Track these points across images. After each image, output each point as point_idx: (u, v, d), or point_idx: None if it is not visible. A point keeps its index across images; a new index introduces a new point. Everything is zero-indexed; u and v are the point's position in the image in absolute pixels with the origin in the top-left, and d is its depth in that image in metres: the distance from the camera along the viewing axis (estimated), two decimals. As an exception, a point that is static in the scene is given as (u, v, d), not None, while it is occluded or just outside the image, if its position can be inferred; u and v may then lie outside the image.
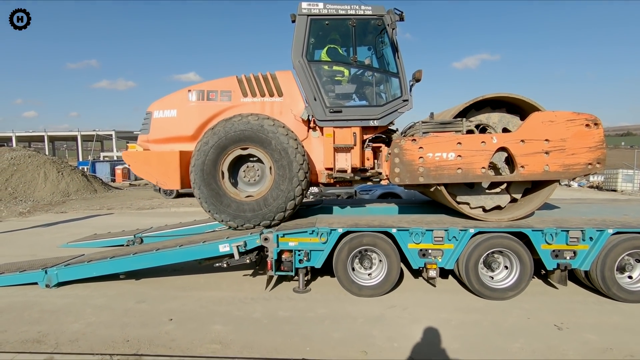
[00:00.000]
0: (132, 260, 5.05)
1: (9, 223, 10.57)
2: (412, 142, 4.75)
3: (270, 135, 4.95)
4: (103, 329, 3.97)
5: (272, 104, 5.49)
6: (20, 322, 4.13)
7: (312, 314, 4.35)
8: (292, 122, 5.45)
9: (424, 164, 4.74)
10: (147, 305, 4.59)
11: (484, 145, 4.70)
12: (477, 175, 4.74)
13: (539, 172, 4.69)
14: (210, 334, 3.86)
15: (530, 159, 4.67)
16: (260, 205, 5.03)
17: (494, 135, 4.77)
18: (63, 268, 5.12)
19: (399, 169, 4.78)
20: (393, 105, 5.34)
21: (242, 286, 5.25)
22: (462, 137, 4.75)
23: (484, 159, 4.70)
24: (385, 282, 4.83)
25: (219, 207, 5.07)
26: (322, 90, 5.28)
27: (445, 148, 4.71)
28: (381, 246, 4.80)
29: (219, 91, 5.50)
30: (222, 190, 5.06)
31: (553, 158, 4.65)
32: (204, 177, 5.01)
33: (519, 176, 4.75)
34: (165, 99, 5.67)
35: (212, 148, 4.98)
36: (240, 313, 4.36)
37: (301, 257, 4.88)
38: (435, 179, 4.76)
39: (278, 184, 4.99)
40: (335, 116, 5.30)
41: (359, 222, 5.08)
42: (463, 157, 4.69)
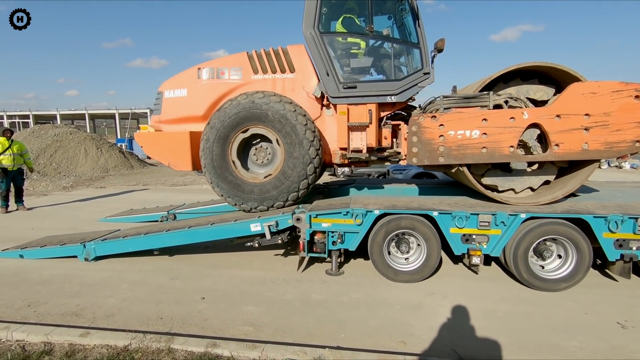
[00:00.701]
0: (165, 237, 5.04)
1: (53, 197, 11.10)
2: (432, 120, 4.33)
3: (264, 108, 4.75)
4: (138, 305, 3.99)
5: (283, 81, 5.19)
6: (61, 295, 4.24)
7: (346, 298, 4.17)
8: (305, 100, 5.15)
9: (444, 143, 4.33)
10: (180, 282, 4.58)
11: (513, 122, 4.22)
12: (505, 155, 4.28)
13: (577, 150, 4.17)
14: (242, 314, 3.78)
15: (566, 136, 4.16)
16: (281, 179, 4.87)
17: (525, 110, 4.25)
18: (100, 243, 5.21)
19: (416, 149, 4.40)
20: (413, 79, 4.89)
21: (273, 266, 5.14)
22: (488, 113, 4.27)
23: (512, 136, 4.23)
24: (423, 267, 4.55)
25: (243, 196, 4.99)
26: (335, 64, 4.92)
27: (468, 125, 4.27)
28: (420, 230, 4.49)
29: (229, 68, 5.26)
30: (240, 179, 4.97)
31: (594, 135, 4.12)
32: (218, 172, 4.95)
33: (552, 155, 4.26)
34: (175, 78, 5.47)
35: (214, 143, 4.89)
36: (272, 294, 4.26)
37: (334, 239, 4.67)
38: (457, 159, 4.36)
39: (290, 153, 4.79)
40: (349, 92, 4.93)
41: (396, 204, 4.77)
42: (489, 135, 4.25)
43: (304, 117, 4.81)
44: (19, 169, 8.65)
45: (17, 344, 3.14)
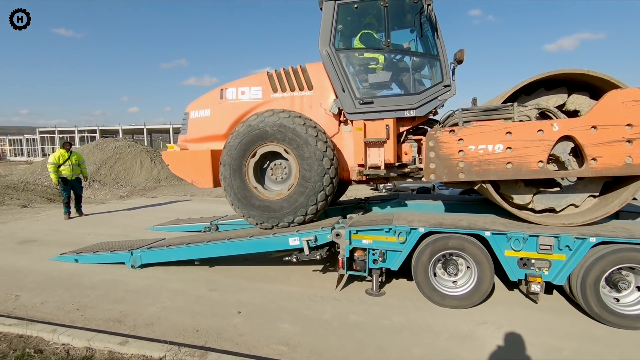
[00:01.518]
0: (206, 248, 5.09)
1: (110, 205, 11.87)
2: (450, 134, 4.10)
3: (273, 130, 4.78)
4: (176, 315, 4.00)
5: (301, 98, 5.19)
6: (107, 300, 4.38)
7: (387, 321, 3.88)
8: (323, 117, 5.11)
9: (464, 159, 4.08)
10: (218, 294, 4.56)
11: (542, 135, 3.88)
12: (533, 170, 3.94)
13: (618, 165, 3.76)
14: (277, 332, 3.64)
15: (605, 149, 3.76)
16: (292, 201, 4.84)
17: (555, 122, 3.89)
18: (146, 251, 5.38)
19: (434, 164, 4.18)
20: (432, 92, 4.71)
21: (311, 282, 4.98)
22: (512, 126, 3.96)
23: (541, 150, 3.89)
24: (474, 293, 4.15)
25: (263, 214, 4.98)
26: (350, 80, 4.86)
27: (490, 139, 3.99)
28: (470, 251, 4.12)
29: (250, 88, 5.35)
30: (256, 198, 4.97)
31: (639, 147, 3.68)
32: (239, 195, 4.99)
33: (589, 171, 3.87)
34: (200, 99, 5.67)
35: (230, 168, 4.96)
36: (309, 312, 4.09)
37: (376, 257, 4.42)
38: (479, 175, 4.08)
39: (304, 176, 4.74)
40: (366, 108, 4.83)
41: (443, 222, 4.44)
42: (514, 149, 3.94)
43: (314, 129, 4.74)
44: (77, 178, 9.35)
45: (62, 348, 3.24)
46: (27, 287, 4.78)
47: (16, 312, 4.05)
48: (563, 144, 3.99)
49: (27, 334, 3.41)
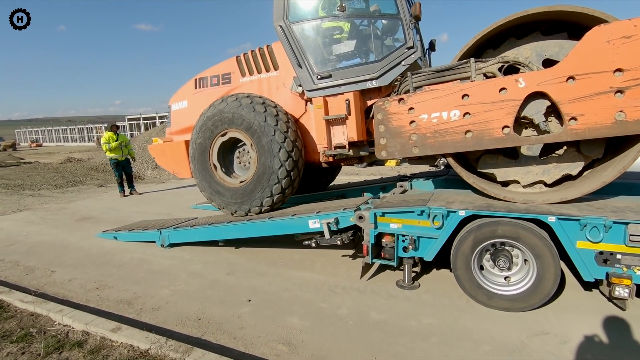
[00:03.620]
0: (226, 229, 4.83)
1: (168, 184, 12.50)
2: (399, 103, 3.63)
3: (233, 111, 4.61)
4: (185, 300, 3.79)
5: (268, 80, 4.96)
6: (127, 280, 4.35)
7: (415, 322, 3.22)
8: (289, 98, 4.83)
9: (417, 130, 3.61)
10: (234, 279, 4.28)
11: (505, 94, 3.22)
12: (497, 138, 3.32)
13: (606, 124, 2.98)
14: (283, 327, 3.21)
15: (588, 105, 3.00)
16: (252, 188, 4.66)
17: (521, 77, 3.18)
18: (173, 230, 5.31)
19: (385, 140, 3.77)
20: (395, 57, 4.15)
21: (337, 269, 4.45)
22: (469, 87, 3.35)
23: (505, 113, 3.25)
24: (532, 293, 3.26)
25: (225, 200, 4.89)
26: (307, 55, 4.50)
27: (445, 105, 3.45)
28: (528, 241, 3.21)
29: (221, 75, 5.24)
30: (222, 185, 4.89)
31: (633, 98, 2.85)
32: (204, 180, 4.98)
33: (568, 134, 3.12)
34: (179, 91, 5.66)
35: (195, 153, 4.93)
36: (324, 305, 3.58)
37: (406, 244, 3.72)
38: (434, 148, 3.58)
39: (261, 156, 4.51)
40: (324, 83, 4.43)
41: (493, 203, 3.55)
42: (473, 115, 3.35)
43: (274, 117, 4.45)
44: (126, 159, 9.86)
45: (64, 329, 3.19)
46: (65, 262, 5.00)
47: (45, 287, 4.21)
48: (537, 102, 3.24)
49: (37, 312, 3.45)
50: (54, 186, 13.04)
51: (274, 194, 4.57)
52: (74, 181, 13.93)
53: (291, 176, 4.53)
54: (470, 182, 3.71)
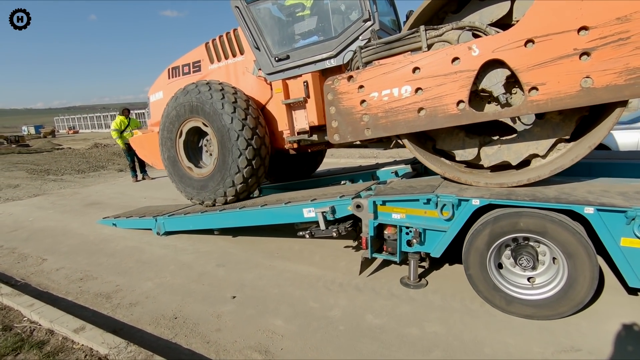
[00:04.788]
0: (218, 218, 4.49)
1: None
2: (349, 82, 3.31)
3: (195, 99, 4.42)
4: (167, 295, 3.50)
5: (235, 66, 4.72)
6: (113, 271, 4.13)
7: (417, 330, 2.75)
8: (255, 83, 4.59)
9: (368, 110, 3.28)
10: (224, 271, 3.94)
11: (458, 65, 2.83)
12: (452, 115, 2.94)
13: (571, 92, 2.53)
14: (263, 331, 2.83)
15: (549, 71, 2.56)
16: (215, 178, 4.47)
17: (474, 43, 2.76)
18: (167, 218, 5.04)
19: (336, 122, 3.46)
20: (351, 32, 3.76)
21: (337, 262, 4.02)
22: (419, 59, 2.97)
23: (459, 86, 2.86)
24: (560, 299, 2.69)
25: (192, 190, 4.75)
26: (265, 35, 4.23)
27: (395, 81, 3.09)
28: (557, 236, 2.62)
29: (191, 63, 5.06)
30: (189, 176, 4.77)
31: (600, 61, 2.41)
32: (172, 169, 4.87)
33: (528, 107, 2.70)
34: (155, 82, 5.54)
35: (164, 142, 4.83)
36: (315, 305, 3.17)
37: (410, 237, 3.21)
38: (387, 129, 3.24)
39: (222, 146, 4.30)
40: (283, 65, 4.15)
41: (515, 190, 2.96)
42: (426, 90, 2.99)
43: (232, 105, 4.17)
44: None
45: (29, 327, 2.96)
46: (59, 250, 4.86)
47: (31, 277, 4.06)
48: (496, 72, 2.80)
49: (9, 306, 3.26)
50: (76, 171, 13.32)
51: (236, 183, 4.35)
52: (96, 166, 14.19)
53: (253, 165, 4.28)
54: (430, 166, 3.36)
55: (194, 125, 4.55)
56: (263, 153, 4.36)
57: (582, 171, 3.83)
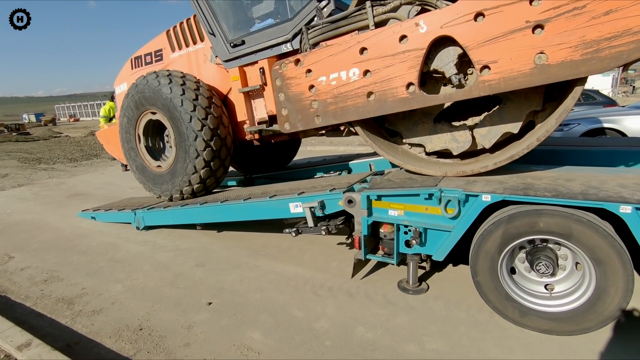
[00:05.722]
0: (199, 212, 4.09)
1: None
2: (296, 66, 3.08)
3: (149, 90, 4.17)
4: (136, 300, 3.12)
5: (196, 53, 4.44)
6: (83, 270, 3.76)
7: (415, 347, 2.36)
8: (215, 71, 4.31)
9: (317, 96, 3.04)
10: (202, 272, 3.56)
11: (406, 43, 2.56)
12: (402, 99, 2.69)
13: (525, 70, 2.27)
14: (238, 347, 2.45)
15: (501, 47, 2.29)
16: (172, 175, 4.27)
17: (421, 19, 2.48)
18: (146, 212, 4.65)
19: (286, 110, 3.25)
20: (307, 12, 3.38)
21: (328, 262, 3.63)
22: (366, 38, 2.71)
23: (408, 67, 2.60)
24: (586, 312, 2.28)
25: (153, 185, 4.56)
26: (220, 19, 3.93)
27: (342, 63, 2.84)
28: (585, 240, 2.19)
29: (153, 52, 4.79)
30: (148, 169, 4.58)
31: (555, 35, 2.15)
32: (133, 162, 4.70)
33: (480, 88, 2.43)
34: (119, 74, 5.31)
35: (124, 135, 4.65)
36: (300, 314, 2.78)
37: (409, 236, 2.79)
38: (337, 116, 3.02)
39: (178, 143, 4.08)
40: (238, 51, 3.88)
41: (533, 183, 2.52)
42: (374, 72, 2.73)
43: (192, 102, 3.89)
44: None
45: (-27, 340, 2.59)
46: (29, 247, 4.49)
47: (-8, 278, 3.69)
48: (448, 50, 2.56)
49: (-46, 315, 2.88)
50: (69, 160, 12.96)
51: (193, 183, 4.17)
52: (90, 155, 13.83)
53: (211, 166, 4.09)
54: (386, 156, 3.13)
55: (154, 118, 4.31)
56: (223, 154, 4.15)
57: (604, 160, 3.40)
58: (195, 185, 4.19)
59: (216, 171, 4.19)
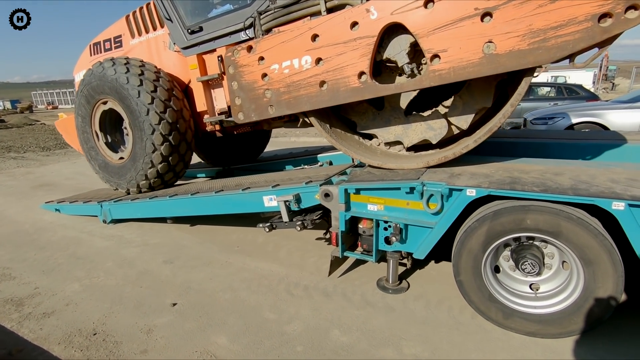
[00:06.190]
0: (169, 204, 3.83)
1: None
2: (249, 53, 2.94)
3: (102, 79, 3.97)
4: (93, 301, 2.86)
5: (156, 40, 4.21)
6: (39, 268, 3.47)
7: (393, 352, 2.19)
8: (176, 59, 4.08)
9: (270, 85, 2.92)
10: (170, 270, 3.32)
11: (357, 30, 2.46)
12: (354, 88, 2.59)
13: (474, 59, 2.19)
14: (199, 354, 2.24)
15: (451, 35, 2.21)
16: (128, 168, 4.10)
17: (372, 4, 2.38)
18: (113, 204, 4.35)
19: (240, 99, 3.11)
20: None
21: (305, 258, 3.43)
22: (317, 24, 2.59)
23: (360, 55, 2.51)
24: (573, 313, 2.14)
25: (108, 176, 4.42)
26: (176, 4, 3.75)
27: (294, 51, 2.72)
28: (575, 238, 2.04)
29: (112, 38, 4.56)
30: (104, 160, 4.42)
31: (502, 23, 2.09)
32: (89, 152, 4.52)
33: (430, 77, 2.36)
34: (78, 61, 5.02)
35: (79, 124, 4.45)
36: (271, 316, 2.58)
37: (389, 233, 2.61)
38: (290, 106, 2.89)
39: (136, 135, 3.89)
40: (196, 38, 3.72)
41: (520, 177, 2.36)
42: (326, 61, 2.63)
43: (150, 95, 3.68)
44: None
45: None
46: (-17, 242, 4.15)
47: (-64, 277, 3.36)
48: (400, 38, 2.48)
49: None
50: (41, 148, 12.39)
51: (150, 177, 4.01)
52: (64, 143, 13.15)
53: (169, 161, 3.92)
54: (339, 147, 3.01)
55: (110, 107, 4.11)
56: (182, 149, 3.98)
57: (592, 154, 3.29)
58: (152, 180, 4.03)
59: (175, 166, 4.05)
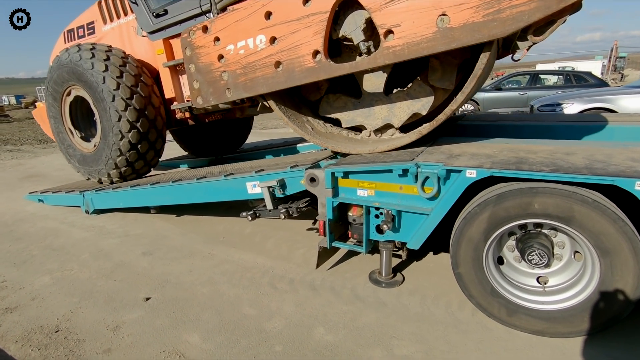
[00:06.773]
0: (150, 193, 3.62)
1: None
2: (205, 33, 2.77)
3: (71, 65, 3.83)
4: (61, 295, 2.66)
5: (127, 25, 4.09)
6: (10, 260, 3.27)
7: (383, 352, 1.96)
8: (147, 45, 3.94)
9: (227, 67, 2.75)
10: (148, 262, 3.10)
11: (310, 6, 2.30)
12: (309, 69, 2.42)
13: (428, 34, 2.03)
14: (167, 354, 2.02)
15: (404, 9, 2.06)
16: (98, 157, 3.98)
17: None
18: (95, 194, 4.14)
19: (198, 83, 2.96)
20: None
21: (293, 250, 3.20)
22: (269, 0, 2.41)
23: (314, 33, 2.33)
24: (587, 310, 1.89)
25: (80, 166, 4.30)
26: None
27: (249, 30, 2.56)
28: (590, 224, 1.78)
29: (85, 25, 4.42)
30: (74, 148, 4.32)
31: None
32: (61, 141, 4.44)
33: (384, 55, 2.20)
34: (54, 48, 4.79)
35: (51, 112, 4.36)
36: (251, 312, 2.36)
37: (380, 220, 2.37)
38: (247, 89, 2.72)
39: (103, 129, 3.78)
40: (162, 22, 3.60)
41: (527, 157, 2.10)
42: (280, 40, 2.46)
43: (115, 81, 3.55)
44: None
45: None
46: (-42, 233, 3.96)
47: None
48: (355, 14, 2.33)
49: None
50: (38, 141, 12.24)
51: (119, 166, 3.88)
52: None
53: (138, 149, 3.80)
54: (299, 132, 2.84)
55: (78, 95, 4.00)
56: (152, 137, 3.86)
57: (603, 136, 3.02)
58: (122, 169, 3.90)
59: (145, 154, 3.88)
